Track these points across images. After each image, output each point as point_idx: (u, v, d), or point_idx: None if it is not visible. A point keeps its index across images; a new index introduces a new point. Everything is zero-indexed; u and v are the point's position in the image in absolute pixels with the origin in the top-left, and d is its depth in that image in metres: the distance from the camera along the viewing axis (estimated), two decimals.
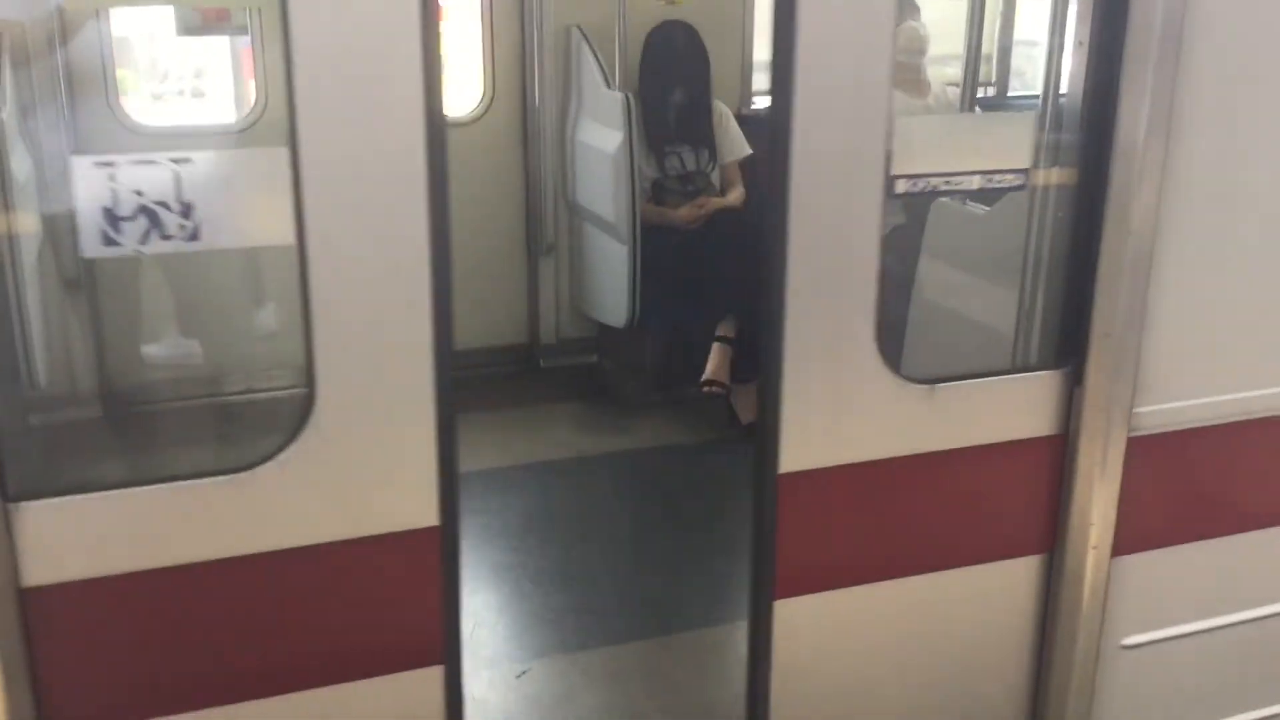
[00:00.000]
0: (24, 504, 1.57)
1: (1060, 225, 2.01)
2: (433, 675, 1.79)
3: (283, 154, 1.59)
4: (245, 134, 4.29)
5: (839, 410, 1.93)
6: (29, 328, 3.38)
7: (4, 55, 3.36)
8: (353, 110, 1.61)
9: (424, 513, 1.74)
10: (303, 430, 1.65)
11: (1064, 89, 2.03)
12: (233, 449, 4.01)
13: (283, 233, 1.62)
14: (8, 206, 3.06)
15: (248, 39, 4.27)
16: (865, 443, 1.97)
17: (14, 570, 1.57)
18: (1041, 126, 2.08)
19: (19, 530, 1.56)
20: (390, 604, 1.75)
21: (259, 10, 4.12)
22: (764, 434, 1.99)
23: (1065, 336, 1.99)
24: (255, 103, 4.26)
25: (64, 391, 4.13)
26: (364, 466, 1.70)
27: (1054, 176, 2.03)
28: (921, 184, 1.93)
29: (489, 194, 4.62)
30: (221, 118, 5.85)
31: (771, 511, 1.98)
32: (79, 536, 1.61)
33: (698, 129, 4.38)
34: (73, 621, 1.63)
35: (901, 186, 1.89)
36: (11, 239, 3.19)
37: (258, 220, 1.70)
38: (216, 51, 5.84)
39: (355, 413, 1.68)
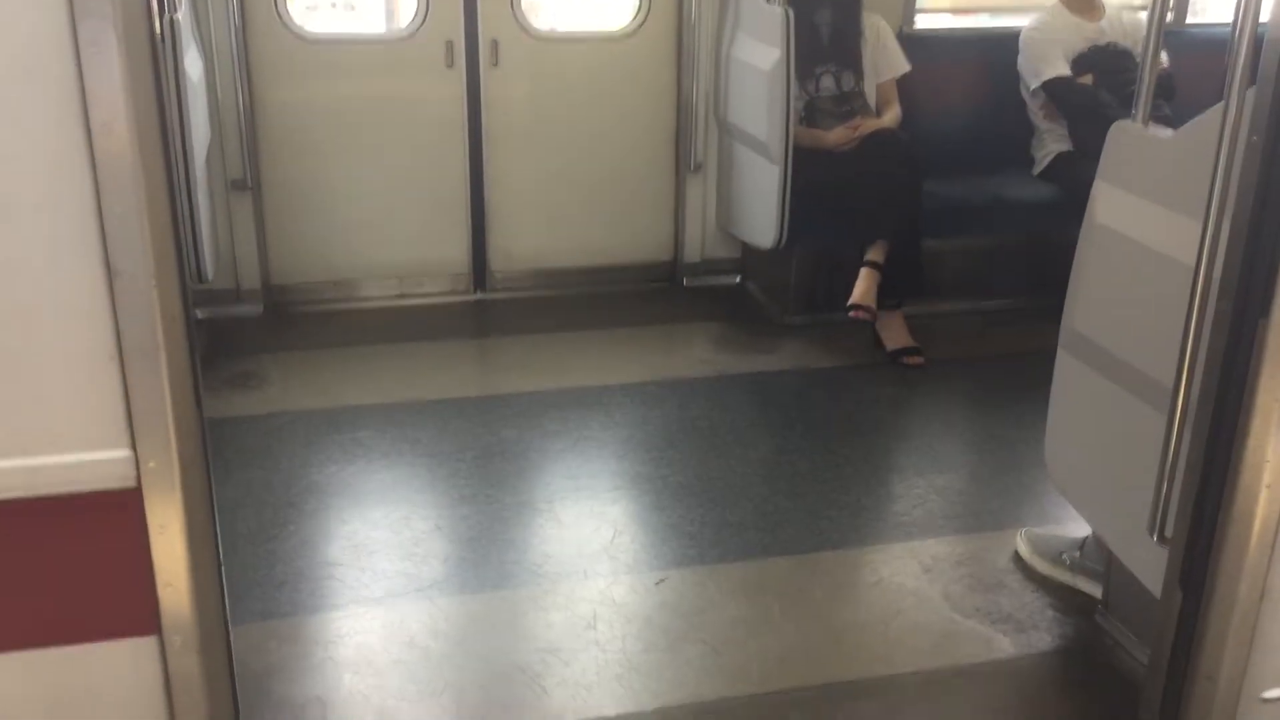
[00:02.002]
0: None
1: None
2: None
3: None
4: (404, 42, 4.35)
5: None
6: (199, 225, 3.53)
7: None
8: None
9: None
10: None
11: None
12: None
13: None
14: (181, 105, 3.18)
15: None
16: None
17: None
18: None
19: None
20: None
21: None
22: None
23: None
24: (416, 14, 4.31)
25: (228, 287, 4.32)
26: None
27: None
28: None
29: (640, 109, 4.60)
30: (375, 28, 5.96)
31: None
32: None
33: (849, 48, 4.26)
34: None
35: None
36: (184, 136, 3.32)
37: None
38: None
39: None
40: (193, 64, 3.65)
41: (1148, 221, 2.21)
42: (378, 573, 2.82)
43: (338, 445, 3.42)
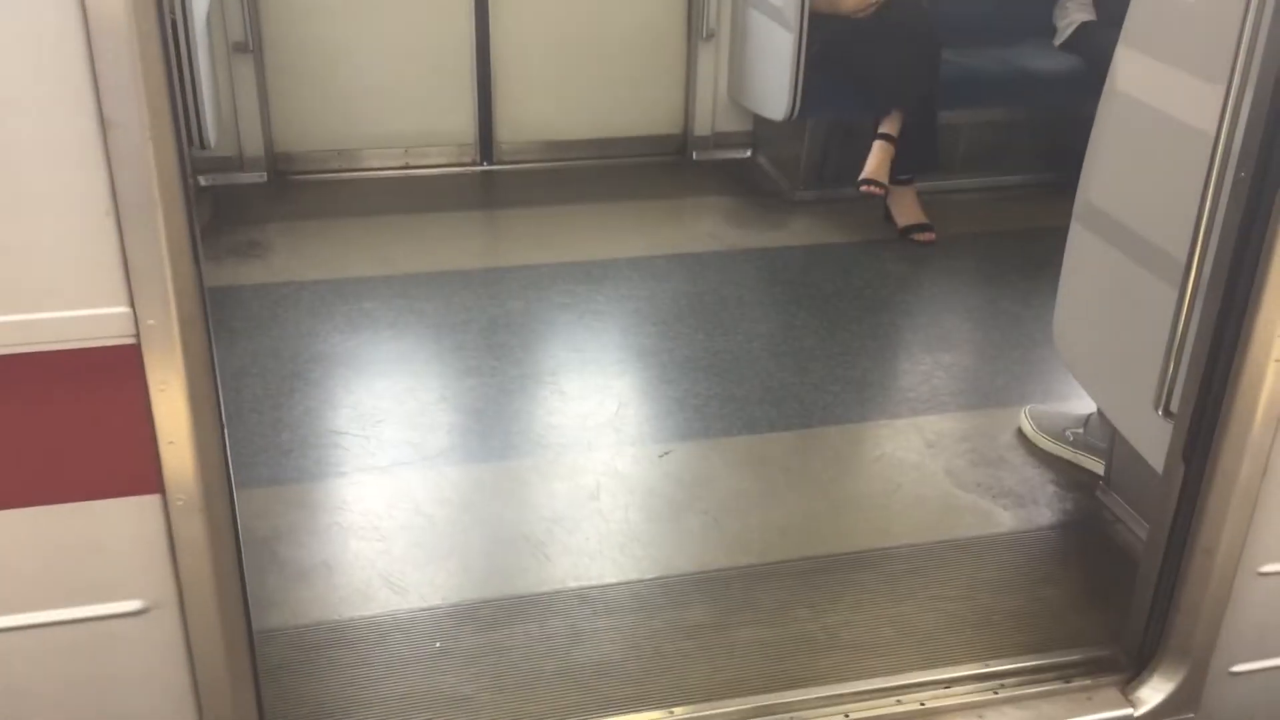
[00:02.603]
0: None
1: None
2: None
3: None
4: None
5: None
6: (199, 87, 3.46)
7: None
8: None
9: None
10: None
11: None
12: None
13: None
14: None
15: None
16: None
17: None
18: None
19: None
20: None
21: None
22: None
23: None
24: None
25: (231, 154, 4.26)
26: None
27: None
28: None
29: None
30: None
31: None
32: None
33: None
34: None
35: None
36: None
37: None
38: None
39: None
40: None
41: (1170, 88, 2.15)
42: (383, 441, 2.83)
43: (343, 315, 3.41)
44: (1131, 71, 2.26)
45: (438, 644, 2.24)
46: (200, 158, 4.14)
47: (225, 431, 1.73)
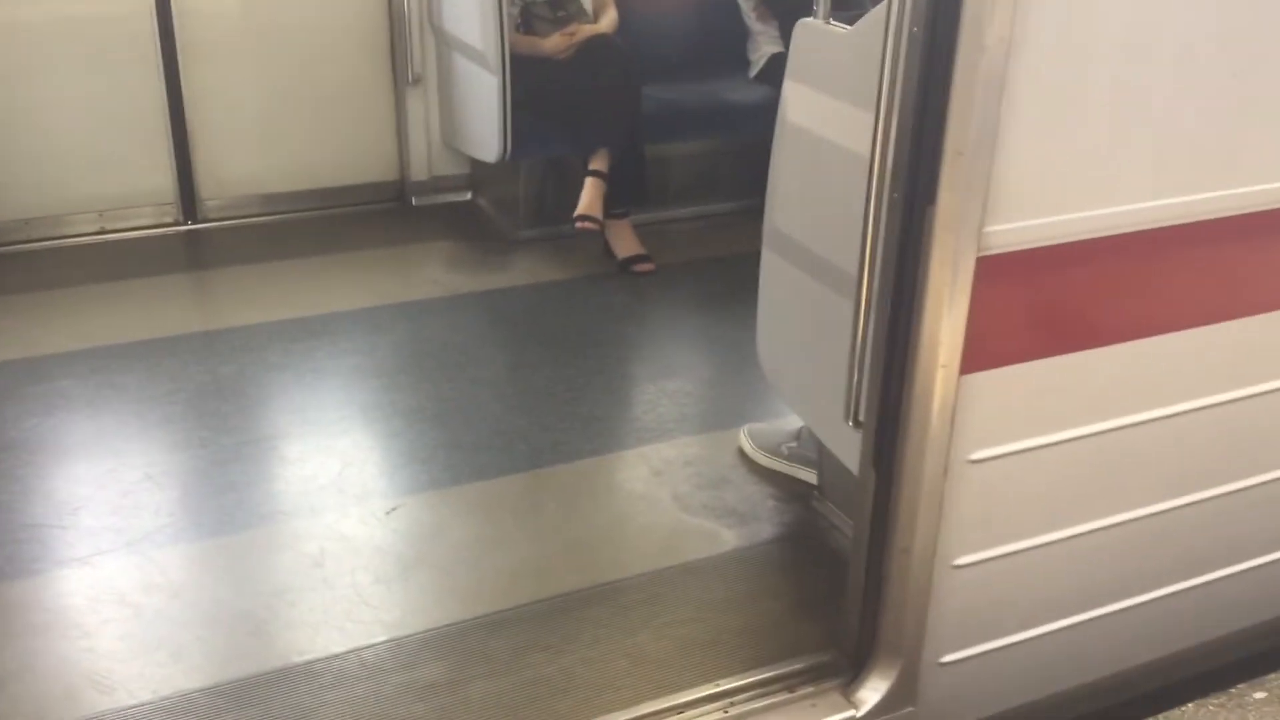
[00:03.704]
0: None
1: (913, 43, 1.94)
2: None
3: None
4: None
5: None
6: None
7: None
8: None
9: None
10: None
11: None
12: None
13: None
14: None
15: None
16: None
17: None
18: None
19: None
20: None
21: None
22: None
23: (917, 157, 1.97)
24: None
25: None
26: None
27: None
28: None
29: (348, 19, 4.38)
30: None
31: None
32: None
33: None
34: None
35: None
36: None
37: None
38: None
39: None
40: None
41: (831, 117, 2.27)
42: (83, 530, 2.63)
43: (36, 397, 3.16)
44: (798, 103, 2.38)
45: None
46: None
47: None
